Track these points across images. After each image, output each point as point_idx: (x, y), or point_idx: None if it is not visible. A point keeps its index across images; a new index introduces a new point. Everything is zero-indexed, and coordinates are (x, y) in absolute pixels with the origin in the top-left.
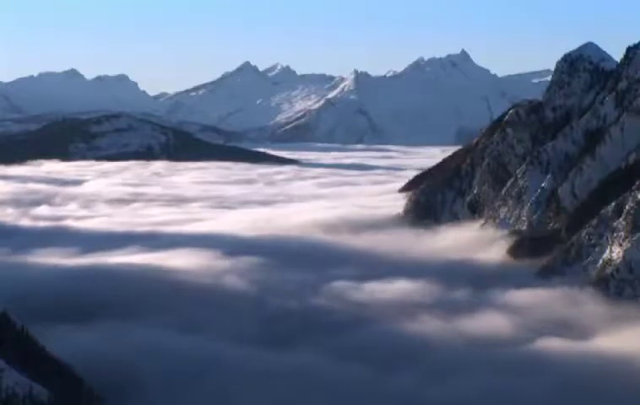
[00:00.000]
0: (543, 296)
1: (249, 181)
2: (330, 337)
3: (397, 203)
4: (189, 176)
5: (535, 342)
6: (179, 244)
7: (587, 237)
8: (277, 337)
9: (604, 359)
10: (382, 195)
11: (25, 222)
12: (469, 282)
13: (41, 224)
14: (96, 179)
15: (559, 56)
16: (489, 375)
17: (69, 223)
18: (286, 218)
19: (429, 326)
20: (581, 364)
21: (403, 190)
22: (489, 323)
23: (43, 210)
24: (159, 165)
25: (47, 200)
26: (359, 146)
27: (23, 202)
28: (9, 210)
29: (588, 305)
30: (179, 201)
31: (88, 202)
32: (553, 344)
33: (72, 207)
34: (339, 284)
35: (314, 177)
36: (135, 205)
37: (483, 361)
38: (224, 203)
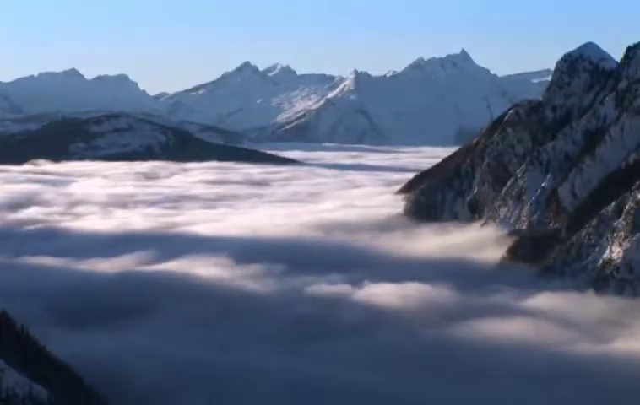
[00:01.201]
0: (548, 297)
1: (247, 182)
2: (345, 340)
3: (397, 203)
4: (186, 176)
5: (552, 346)
6: (184, 247)
7: (587, 237)
8: (289, 341)
9: (626, 359)
10: (382, 195)
11: (15, 225)
12: (470, 283)
13: (32, 226)
14: (93, 179)
15: (559, 56)
16: (515, 380)
17: (69, 225)
18: (285, 219)
19: (442, 329)
20: (604, 367)
21: (402, 190)
22: (498, 326)
23: (33, 212)
24: (154, 165)
25: (39, 201)
26: (358, 146)
27: (11, 204)
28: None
29: (592, 305)
30: (174, 201)
31: (86, 203)
32: (571, 347)
33: (70, 209)
34: (344, 288)
35: (313, 177)
36: (130, 206)
37: (506, 366)
38: (221, 205)
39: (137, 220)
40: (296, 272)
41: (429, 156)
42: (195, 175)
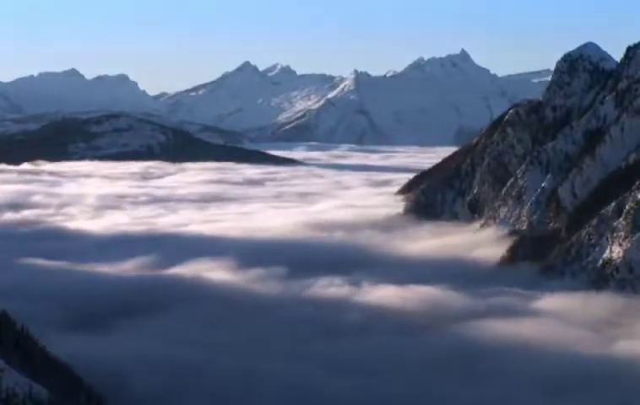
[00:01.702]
0: (549, 297)
1: (246, 183)
2: (351, 342)
3: (396, 203)
4: (184, 176)
5: (562, 346)
6: (184, 249)
7: (587, 237)
8: (295, 343)
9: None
10: (382, 195)
11: (14, 225)
12: (471, 283)
13: (32, 227)
14: (91, 180)
15: (559, 56)
16: (525, 382)
17: (67, 226)
18: (286, 220)
19: (446, 330)
20: (615, 368)
21: (402, 190)
22: (501, 327)
23: (32, 212)
24: (152, 165)
25: (38, 201)
26: (358, 146)
27: (10, 205)
28: None
29: (596, 304)
30: (172, 202)
31: (85, 204)
32: (581, 348)
33: (68, 210)
34: (348, 290)
35: (312, 177)
36: (129, 207)
37: (512, 367)
38: (221, 206)
39: (135, 221)
40: (299, 274)
41: (408, 155)
42: (193, 176)
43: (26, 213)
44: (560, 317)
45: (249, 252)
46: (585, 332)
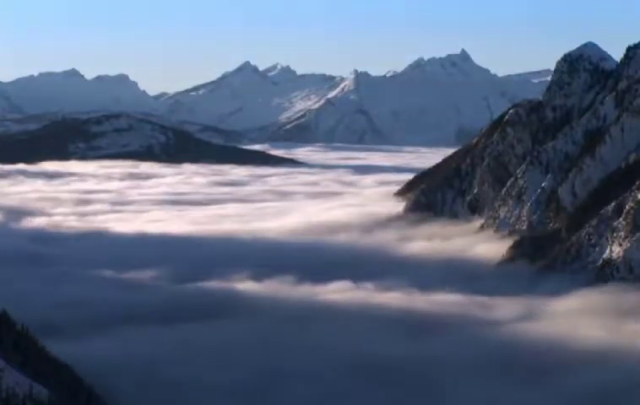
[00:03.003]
0: (550, 296)
1: (244, 183)
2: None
3: (396, 203)
4: (181, 177)
5: (586, 346)
6: (186, 252)
7: (587, 237)
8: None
9: None
10: (381, 195)
11: (13, 226)
12: (471, 283)
13: (31, 228)
14: (90, 180)
15: (559, 56)
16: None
17: (67, 227)
18: (281, 220)
19: (451, 330)
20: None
21: (402, 190)
22: (517, 327)
23: (32, 213)
24: (150, 166)
25: (37, 201)
26: (358, 146)
27: (8, 205)
28: None
29: (598, 303)
30: (170, 203)
31: (83, 204)
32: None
33: (64, 211)
34: (362, 294)
35: (312, 177)
36: (128, 207)
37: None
38: (223, 207)
39: (130, 222)
40: (310, 279)
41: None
42: (190, 176)
43: (20, 215)
44: (566, 317)
45: (257, 257)
46: (598, 331)
